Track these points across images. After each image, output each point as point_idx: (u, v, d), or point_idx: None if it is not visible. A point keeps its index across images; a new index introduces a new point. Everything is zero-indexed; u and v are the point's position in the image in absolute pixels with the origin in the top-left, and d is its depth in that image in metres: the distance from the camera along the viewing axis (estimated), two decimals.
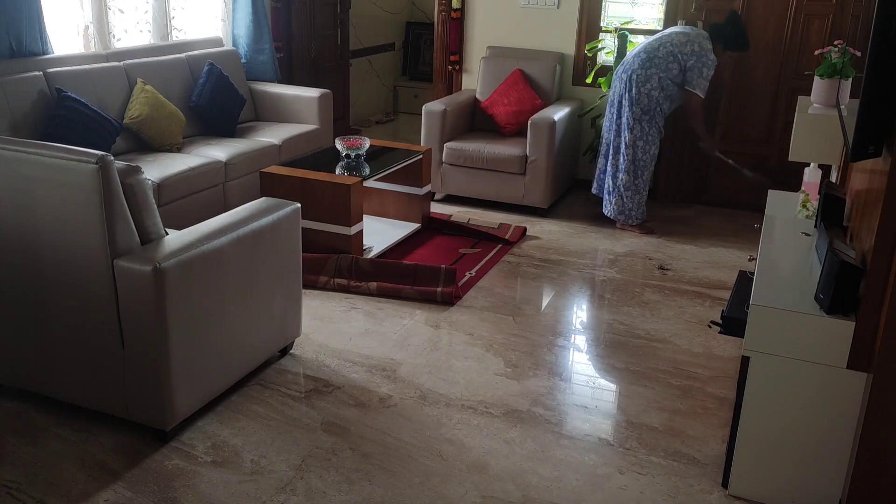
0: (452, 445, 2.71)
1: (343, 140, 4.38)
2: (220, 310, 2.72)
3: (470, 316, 3.70)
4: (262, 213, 2.91)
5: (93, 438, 2.67)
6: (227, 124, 5.00)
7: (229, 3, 5.61)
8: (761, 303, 2.32)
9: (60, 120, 3.99)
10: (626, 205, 4.83)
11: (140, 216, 2.55)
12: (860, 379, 2.23)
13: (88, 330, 2.58)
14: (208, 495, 2.42)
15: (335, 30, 6.76)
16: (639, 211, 4.86)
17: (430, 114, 5.18)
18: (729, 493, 2.50)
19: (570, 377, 3.22)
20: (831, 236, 2.37)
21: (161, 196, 4.03)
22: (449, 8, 5.78)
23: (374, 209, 4.80)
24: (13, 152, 2.48)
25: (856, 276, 2.18)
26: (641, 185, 4.80)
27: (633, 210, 4.85)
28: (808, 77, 3.55)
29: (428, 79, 7.45)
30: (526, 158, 4.99)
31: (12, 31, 4.03)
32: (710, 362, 3.34)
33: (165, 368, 2.53)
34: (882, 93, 2.05)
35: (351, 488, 2.47)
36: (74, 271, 2.52)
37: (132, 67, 4.59)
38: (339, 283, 3.93)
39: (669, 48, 4.59)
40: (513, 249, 4.55)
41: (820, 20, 4.94)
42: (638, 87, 4.62)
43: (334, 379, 3.11)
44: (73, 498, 2.39)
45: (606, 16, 5.54)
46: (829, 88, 3.31)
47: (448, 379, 3.13)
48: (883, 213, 2.02)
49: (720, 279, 4.20)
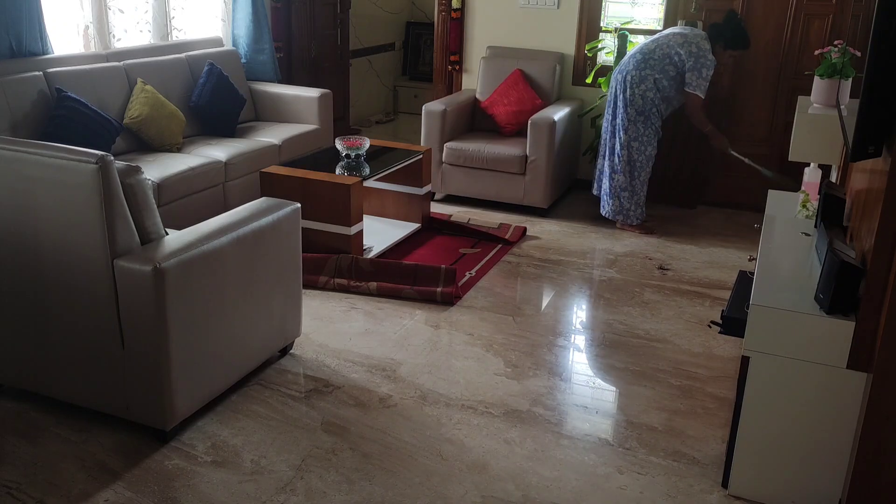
0: (452, 445, 2.71)
1: (343, 140, 4.38)
2: (220, 310, 2.72)
3: (470, 316, 3.70)
4: (262, 213, 2.91)
5: (93, 438, 2.67)
6: (227, 124, 5.00)
7: (229, 3, 5.61)
8: (761, 303, 2.32)
9: (60, 120, 3.99)
10: (624, 205, 4.84)
11: (140, 216, 2.55)
12: (860, 379, 2.23)
13: (88, 330, 2.59)
14: (208, 495, 2.42)
15: (335, 30, 6.76)
16: (637, 211, 4.86)
17: (430, 114, 5.18)
18: (729, 493, 2.50)
19: (570, 377, 3.22)
20: (831, 236, 2.37)
21: (161, 196, 4.03)
22: (449, 8, 5.78)
23: (374, 209, 4.80)
24: (13, 152, 2.48)
25: (856, 276, 2.18)
26: (638, 186, 4.80)
27: (631, 210, 4.85)
28: (808, 77, 3.55)
29: (428, 79, 7.45)
30: (526, 158, 4.99)
31: (12, 31, 4.03)
32: (710, 362, 3.34)
33: (165, 368, 2.53)
34: (882, 93, 2.05)
35: (351, 488, 2.47)
36: (74, 271, 2.52)
37: (132, 67, 4.59)
38: (339, 283, 3.93)
39: (666, 49, 4.59)
40: (513, 249, 4.55)
41: (820, 20, 4.94)
42: (632, 88, 4.63)
43: (334, 379, 3.11)
44: (73, 498, 2.39)
45: (606, 16, 5.54)
46: (829, 88, 3.31)
47: (448, 379, 3.13)
48: (883, 213, 2.02)
49: (720, 279, 4.20)
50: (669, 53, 4.57)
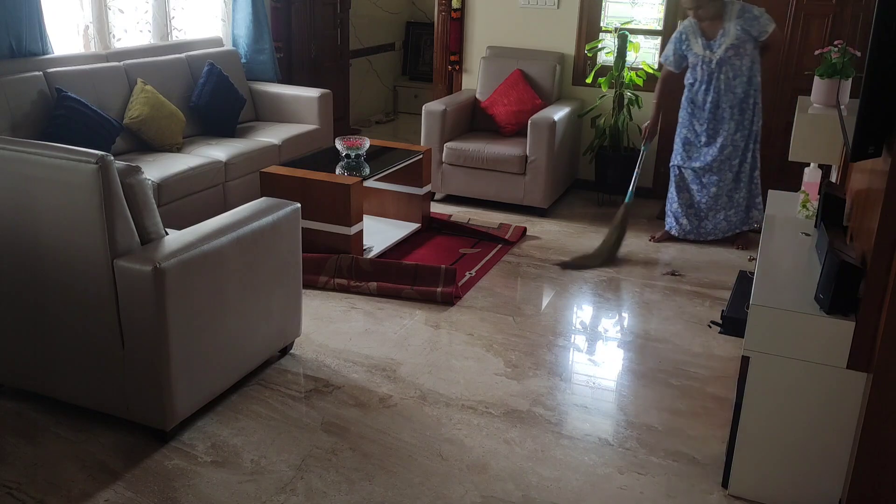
0: (452, 445, 2.71)
1: (343, 140, 4.38)
2: (220, 310, 2.72)
3: (470, 316, 3.70)
4: (262, 213, 2.91)
5: (93, 438, 2.67)
6: (227, 124, 5.00)
7: (229, 3, 5.61)
8: (761, 303, 2.32)
9: (60, 120, 3.99)
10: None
11: (140, 216, 2.55)
12: (860, 379, 2.23)
13: (88, 330, 2.58)
14: (208, 495, 2.42)
15: (335, 30, 6.76)
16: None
17: (430, 114, 5.18)
18: (729, 493, 2.50)
19: (570, 377, 3.22)
20: (831, 236, 2.37)
21: (161, 196, 4.03)
22: (449, 8, 5.78)
23: (374, 209, 4.80)
24: (13, 152, 2.48)
25: (856, 276, 2.18)
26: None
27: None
28: (808, 77, 3.55)
29: (428, 79, 7.45)
30: (526, 158, 4.99)
31: (12, 31, 4.03)
32: (710, 362, 3.34)
33: (165, 368, 2.53)
34: (882, 93, 2.05)
35: (351, 488, 2.47)
36: (74, 271, 2.52)
37: (132, 67, 4.59)
38: (339, 283, 3.93)
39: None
40: (513, 249, 4.55)
41: (820, 20, 4.94)
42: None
43: (334, 379, 3.11)
44: (73, 498, 2.39)
45: (606, 16, 5.55)
46: (829, 88, 3.31)
47: (448, 379, 3.13)
48: (883, 213, 2.02)
49: (720, 279, 4.20)
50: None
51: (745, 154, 4.46)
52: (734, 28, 4.25)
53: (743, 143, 4.44)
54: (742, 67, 4.31)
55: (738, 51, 4.27)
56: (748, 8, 4.28)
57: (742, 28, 4.24)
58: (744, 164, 4.48)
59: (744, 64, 4.30)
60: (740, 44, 4.26)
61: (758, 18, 4.25)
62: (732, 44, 4.26)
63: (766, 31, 4.25)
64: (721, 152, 4.45)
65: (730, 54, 4.28)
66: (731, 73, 4.31)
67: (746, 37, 4.25)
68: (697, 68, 4.41)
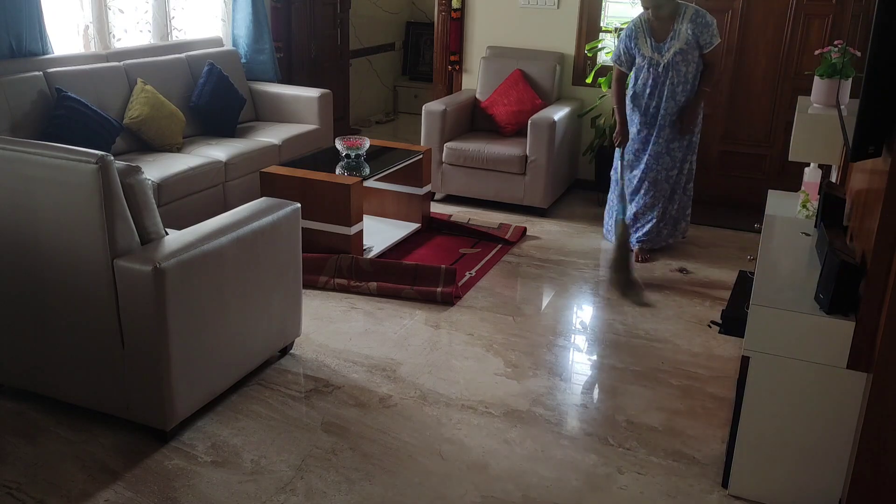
0: (452, 445, 2.71)
1: (343, 140, 4.38)
2: (220, 310, 2.72)
3: (470, 316, 3.70)
4: (262, 213, 2.91)
5: (93, 438, 2.67)
6: (227, 124, 5.00)
7: (229, 3, 5.61)
8: (761, 303, 2.32)
9: (60, 120, 3.99)
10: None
11: (140, 216, 2.55)
12: (860, 379, 2.23)
13: (88, 330, 2.58)
14: (208, 495, 2.42)
15: (335, 30, 6.76)
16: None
17: (430, 114, 5.18)
18: (729, 493, 2.50)
19: (570, 377, 3.22)
20: (831, 236, 2.37)
21: (161, 196, 4.03)
22: (449, 8, 5.78)
23: (374, 209, 4.80)
24: (13, 152, 2.48)
25: (856, 276, 2.18)
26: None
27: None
28: (808, 77, 3.55)
29: (428, 79, 7.45)
30: (526, 158, 4.99)
31: (12, 31, 4.03)
32: (710, 362, 3.34)
33: (165, 368, 2.53)
34: (882, 93, 2.05)
35: (351, 488, 2.47)
36: (74, 271, 2.52)
37: (132, 67, 4.59)
38: (339, 283, 3.93)
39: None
40: (513, 249, 4.55)
41: (820, 20, 4.94)
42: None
43: (334, 379, 3.11)
44: (73, 498, 2.39)
45: (606, 16, 5.55)
46: (829, 88, 3.31)
47: (448, 379, 3.13)
48: (883, 213, 2.02)
49: (720, 279, 4.20)
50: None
51: (682, 165, 4.33)
52: (685, 30, 4.11)
53: (681, 154, 4.30)
54: (687, 75, 4.18)
55: (685, 56, 4.14)
56: (702, 13, 4.15)
57: (692, 32, 4.11)
58: (680, 176, 4.35)
59: (689, 71, 4.18)
60: (689, 49, 4.13)
61: (709, 26, 4.12)
62: (681, 48, 4.12)
63: (710, 44, 4.13)
64: (657, 160, 4.28)
65: (677, 59, 4.14)
66: (676, 78, 4.17)
67: (695, 43, 4.13)
68: (643, 70, 4.24)
